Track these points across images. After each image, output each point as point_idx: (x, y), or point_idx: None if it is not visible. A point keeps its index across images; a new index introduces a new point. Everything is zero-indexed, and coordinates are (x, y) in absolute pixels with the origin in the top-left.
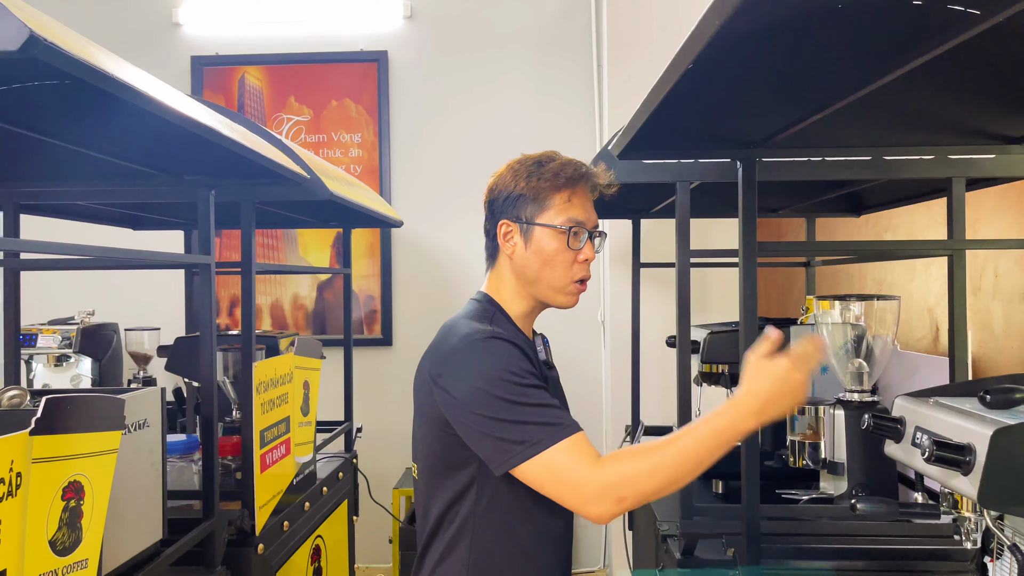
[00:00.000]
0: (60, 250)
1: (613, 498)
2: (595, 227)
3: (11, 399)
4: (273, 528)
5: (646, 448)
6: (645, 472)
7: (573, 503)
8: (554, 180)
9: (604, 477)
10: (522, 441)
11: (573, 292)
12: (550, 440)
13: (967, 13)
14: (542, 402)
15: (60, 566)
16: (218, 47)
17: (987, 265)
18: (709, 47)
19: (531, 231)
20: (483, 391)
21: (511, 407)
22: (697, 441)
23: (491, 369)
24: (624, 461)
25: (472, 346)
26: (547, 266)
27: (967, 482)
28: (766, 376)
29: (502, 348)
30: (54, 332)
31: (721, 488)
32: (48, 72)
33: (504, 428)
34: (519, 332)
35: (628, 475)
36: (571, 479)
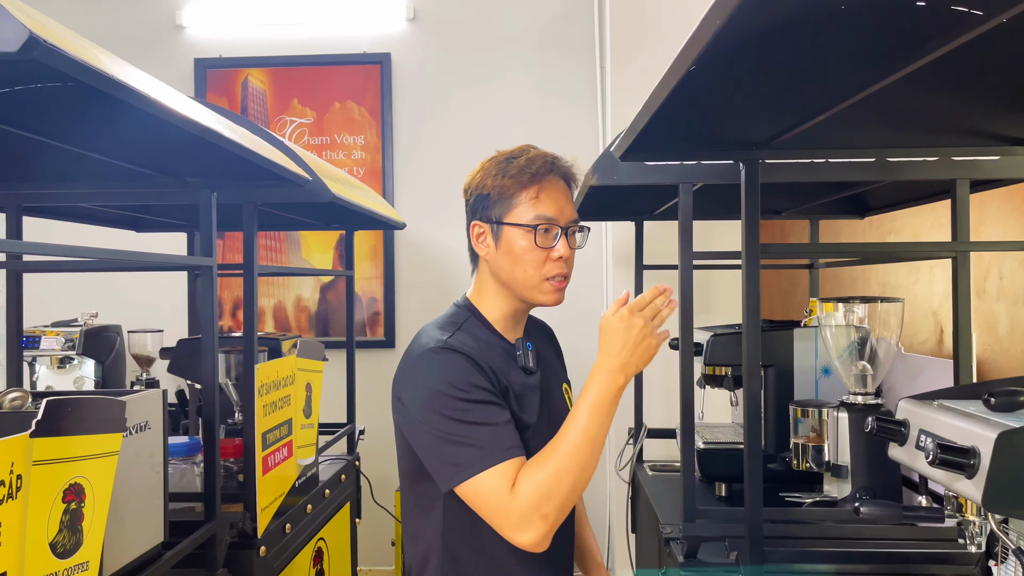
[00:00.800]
0: (63, 252)
1: (537, 518)
2: (573, 221)
3: (13, 401)
4: (275, 531)
5: (543, 456)
6: (552, 477)
7: (502, 531)
8: (519, 176)
9: (521, 502)
10: (455, 463)
11: (549, 291)
12: (478, 465)
13: (970, 14)
14: (477, 420)
15: (61, 569)
16: (221, 49)
17: (991, 267)
18: (711, 47)
19: (500, 231)
20: (427, 404)
21: (449, 423)
22: (581, 425)
23: (436, 382)
24: (531, 476)
25: (423, 357)
26: (518, 266)
27: (971, 485)
28: (611, 333)
29: (451, 360)
30: (57, 334)
31: (724, 491)
32: (49, 74)
33: (441, 447)
34: (496, 338)
35: (539, 489)
36: (496, 506)
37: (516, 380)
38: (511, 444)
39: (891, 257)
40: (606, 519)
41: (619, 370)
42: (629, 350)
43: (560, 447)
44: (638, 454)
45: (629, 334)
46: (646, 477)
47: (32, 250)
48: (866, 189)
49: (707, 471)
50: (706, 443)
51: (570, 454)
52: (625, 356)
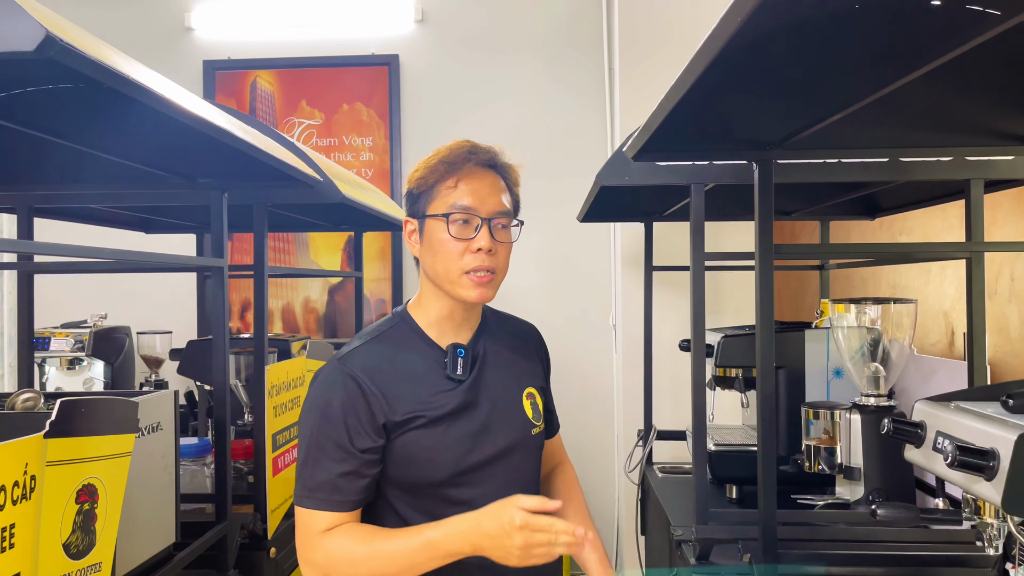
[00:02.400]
0: (73, 252)
1: (319, 572)
2: (500, 213)
3: (25, 402)
4: (285, 532)
5: (368, 536)
6: (358, 559)
7: (298, 555)
8: (437, 167)
9: (316, 552)
10: (296, 483)
11: (468, 285)
12: (301, 500)
13: (986, 13)
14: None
15: (74, 569)
16: (230, 51)
17: (1003, 269)
18: (728, 47)
19: (424, 224)
20: (304, 415)
21: (306, 446)
22: (409, 546)
23: (315, 401)
24: (343, 541)
25: (324, 368)
26: (437, 258)
27: (990, 487)
28: (497, 520)
29: (336, 384)
30: (67, 335)
31: (736, 493)
32: (63, 74)
33: (298, 462)
34: (421, 345)
35: (338, 557)
36: (303, 538)
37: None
38: (337, 498)
39: (905, 258)
40: (615, 521)
41: (470, 544)
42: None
43: (382, 545)
44: (648, 456)
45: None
46: (656, 479)
47: (43, 250)
48: (878, 190)
49: (718, 473)
50: (717, 445)
51: (381, 556)
52: (487, 543)
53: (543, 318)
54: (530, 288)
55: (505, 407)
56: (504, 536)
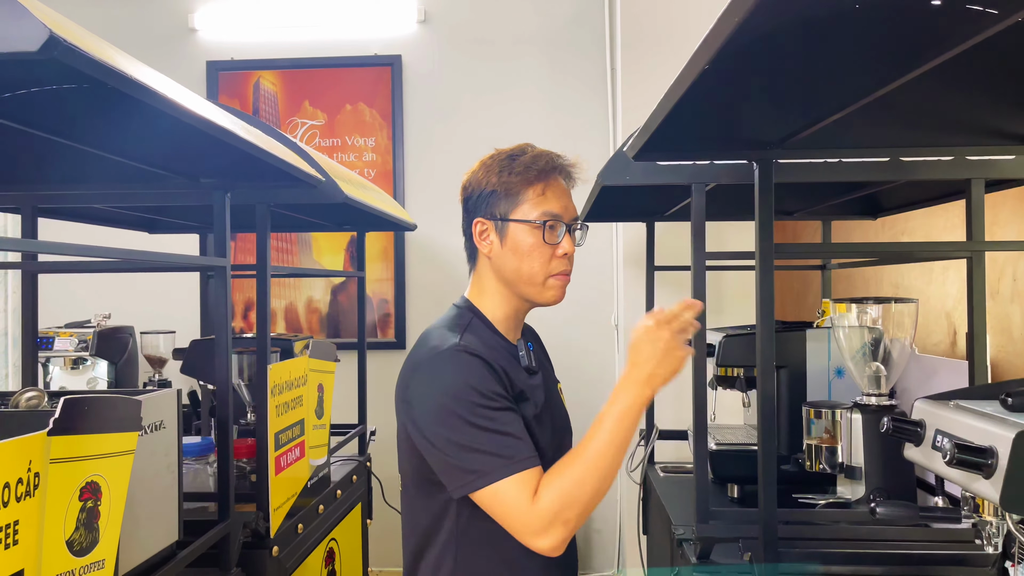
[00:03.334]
0: (76, 251)
1: (559, 524)
2: (575, 219)
3: (29, 400)
4: (288, 530)
5: (566, 462)
6: (575, 484)
7: (521, 537)
8: (526, 173)
9: (543, 508)
10: (473, 471)
11: (554, 287)
12: (499, 473)
13: (985, 12)
14: (499, 429)
15: (77, 566)
16: (233, 52)
17: (1005, 269)
18: (727, 46)
19: (506, 227)
20: (443, 408)
21: (468, 429)
22: (607, 433)
23: (453, 386)
24: (554, 483)
25: (437, 359)
26: (524, 262)
27: (989, 485)
28: (639, 345)
29: (468, 363)
30: (71, 335)
31: (736, 493)
32: (67, 75)
33: (458, 453)
34: (499, 339)
35: (562, 496)
36: (516, 514)
37: (522, 381)
38: (529, 453)
39: (906, 257)
40: (617, 520)
41: (646, 381)
42: (655, 361)
43: (584, 453)
44: (650, 455)
45: (656, 346)
46: (658, 478)
47: (48, 249)
48: (879, 189)
49: (719, 472)
50: (719, 444)
51: (593, 460)
52: (651, 367)
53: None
54: None
55: (556, 399)
56: (655, 344)
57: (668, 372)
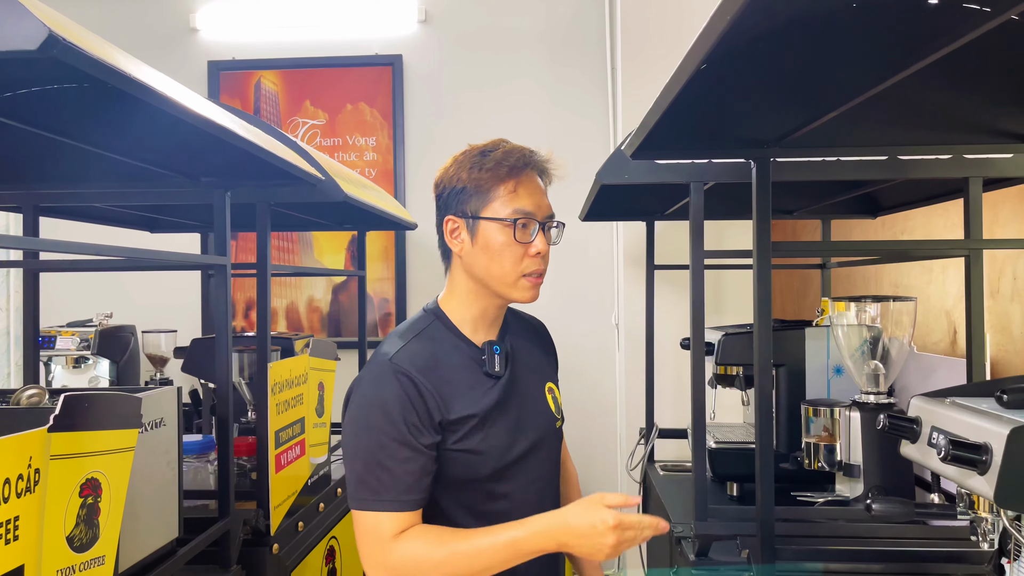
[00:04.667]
0: (79, 250)
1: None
2: (549, 217)
3: (30, 398)
4: (288, 528)
5: (443, 537)
6: (433, 562)
7: (364, 564)
8: (496, 170)
9: (396, 557)
10: (351, 490)
11: (525, 287)
12: (368, 505)
13: (979, 11)
14: (385, 463)
15: (77, 563)
16: (234, 52)
17: (1005, 268)
18: (720, 45)
19: (477, 225)
20: (353, 420)
21: (364, 450)
22: (492, 545)
23: (369, 402)
24: (417, 544)
25: (370, 369)
26: (495, 261)
27: (983, 482)
28: (586, 518)
29: (391, 382)
30: (72, 334)
31: (736, 491)
32: (67, 74)
33: (349, 468)
34: (460, 343)
35: (415, 561)
36: (369, 543)
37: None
38: (406, 498)
39: (904, 256)
40: None
41: (557, 541)
42: (581, 544)
43: (460, 545)
44: (649, 454)
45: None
46: (657, 477)
47: (49, 248)
48: (878, 188)
49: (718, 470)
50: (717, 442)
51: (465, 555)
52: (574, 543)
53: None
54: None
55: (534, 402)
56: (596, 535)
57: (584, 553)
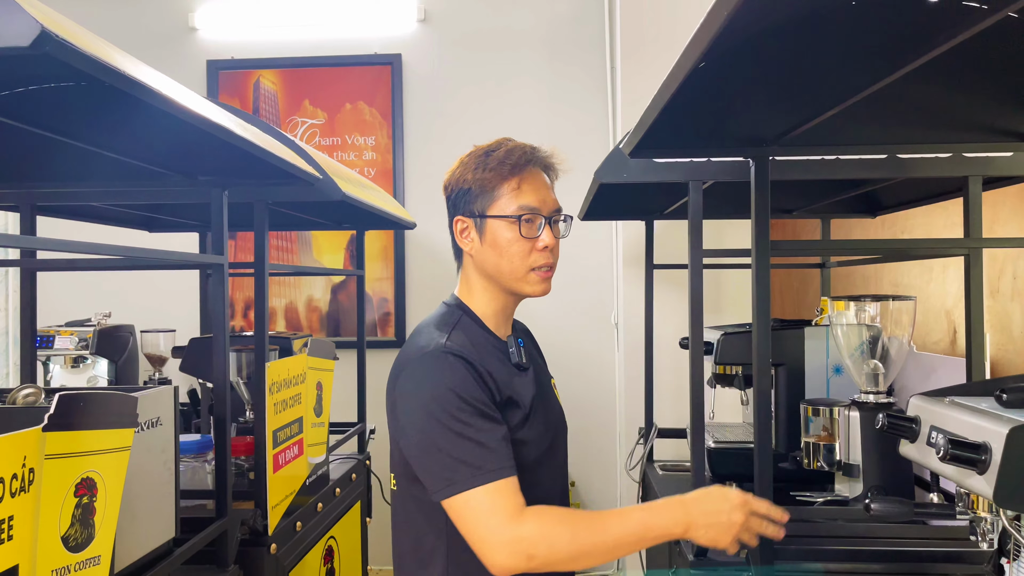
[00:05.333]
0: (76, 248)
1: (524, 553)
2: (556, 211)
3: (26, 397)
4: (286, 528)
5: (575, 515)
6: (566, 538)
7: (478, 549)
8: (499, 168)
9: (521, 530)
10: (446, 477)
11: (536, 281)
12: (471, 482)
13: (977, 8)
14: (474, 437)
15: (72, 562)
16: (233, 51)
17: (1005, 267)
18: (716, 42)
19: (484, 224)
20: (424, 411)
21: (445, 434)
22: (625, 528)
23: (435, 389)
24: (548, 520)
25: (423, 360)
26: (503, 257)
27: (983, 481)
28: (715, 498)
29: (452, 366)
30: (71, 334)
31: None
32: (62, 71)
33: (435, 458)
34: (488, 336)
35: (547, 535)
36: (483, 524)
37: (511, 378)
38: (501, 464)
39: (903, 255)
40: None
41: (686, 522)
42: (710, 526)
43: (595, 523)
44: (648, 453)
45: (723, 517)
46: (656, 477)
47: (46, 246)
48: (878, 187)
49: (718, 470)
50: (716, 442)
51: (598, 534)
52: (703, 524)
53: (545, 316)
54: None
55: (550, 395)
56: (725, 513)
57: (707, 539)
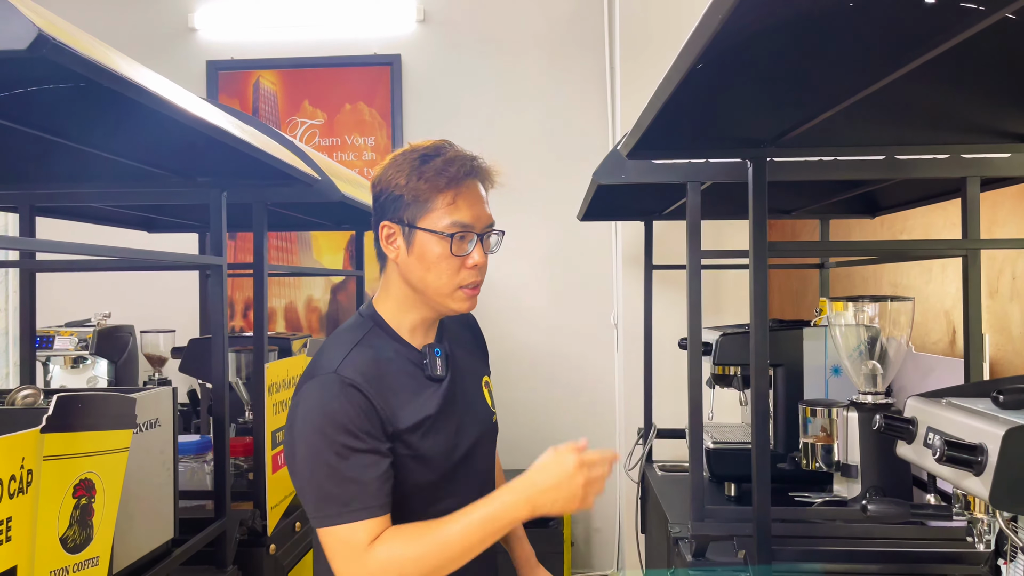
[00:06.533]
0: (76, 250)
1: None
2: (488, 226)
3: (25, 398)
4: (285, 529)
5: (417, 532)
6: (411, 558)
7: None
8: (436, 180)
9: (374, 562)
10: (318, 508)
11: (462, 298)
12: (335, 519)
13: (974, 9)
14: (349, 474)
15: (71, 563)
16: (233, 51)
17: (1004, 267)
18: (713, 44)
19: (413, 234)
20: (307, 441)
21: (323, 467)
22: (466, 528)
23: (322, 419)
24: (393, 545)
25: (316, 386)
26: (431, 273)
27: (979, 482)
28: (550, 471)
29: (340, 395)
30: (71, 334)
31: (734, 491)
32: (60, 74)
33: (312, 488)
34: (400, 347)
35: (394, 561)
36: (344, 557)
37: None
38: (370, 503)
39: (901, 255)
40: (616, 519)
41: (533, 505)
42: (555, 496)
43: (436, 534)
44: (647, 454)
45: (562, 484)
46: (655, 477)
47: (44, 248)
48: (876, 188)
49: (716, 471)
50: (715, 443)
51: (441, 543)
52: (548, 498)
53: (545, 316)
54: (532, 287)
55: (472, 399)
56: (565, 481)
57: (558, 509)
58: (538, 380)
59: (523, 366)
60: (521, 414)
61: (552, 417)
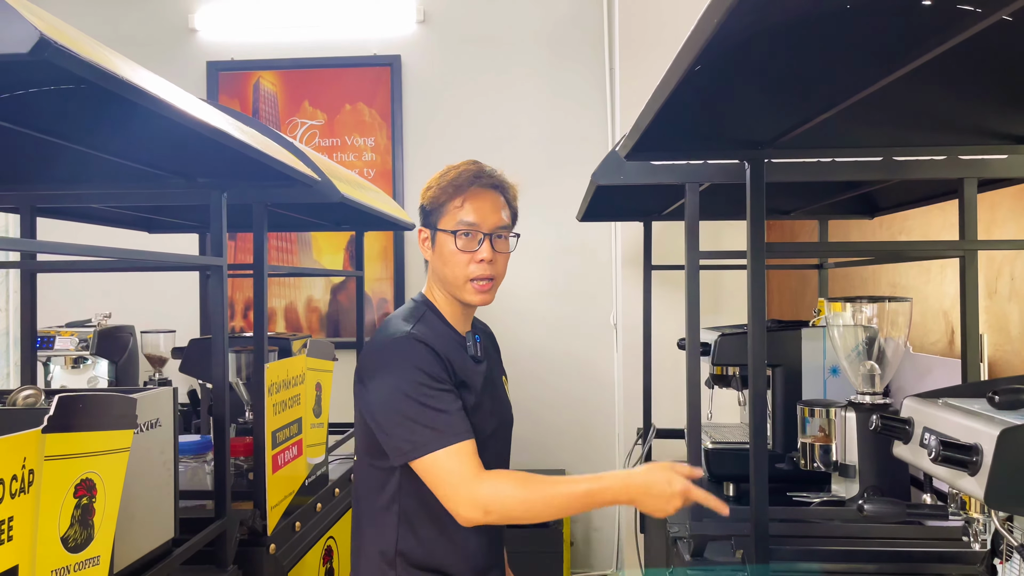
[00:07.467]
0: (77, 251)
1: (481, 509)
2: (500, 227)
3: (26, 398)
4: (285, 528)
5: (528, 480)
6: (516, 500)
7: (444, 502)
8: (447, 188)
9: (479, 490)
10: (412, 441)
11: (473, 291)
12: (435, 444)
13: (971, 11)
14: (437, 407)
15: (72, 563)
16: (233, 52)
17: (1003, 268)
18: (711, 46)
19: (436, 236)
20: (392, 387)
21: (411, 405)
22: (571, 494)
23: (402, 368)
24: (503, 483)
25: (392, 345)
26: (447, 267)
27: (974, 482)
28: (659, 485)
29: (417, 349)
30: (71, 334)
31: (732, 491)
32: (61, 76)
33: (402, 425)
34: (449, 329)
35: (501, 496)
36: (448, 482)
37: (466, 367)
38: (463, 429)
39: (899, 256)
40: (615, 519)
41: (632, 496)
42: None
43: (545, 488)
44: (647, 454)
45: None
46: None
47: (45, 249)
48: (874, 188)
49: (715, 471)
50: (714, 443)
51: (545, 498)
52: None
53: (545, 316)
54: (532, 287)
55: (499, 389)
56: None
57: (650, 510)
58: (538, 380)
59: (523, 366)
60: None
61: (552, 417)
